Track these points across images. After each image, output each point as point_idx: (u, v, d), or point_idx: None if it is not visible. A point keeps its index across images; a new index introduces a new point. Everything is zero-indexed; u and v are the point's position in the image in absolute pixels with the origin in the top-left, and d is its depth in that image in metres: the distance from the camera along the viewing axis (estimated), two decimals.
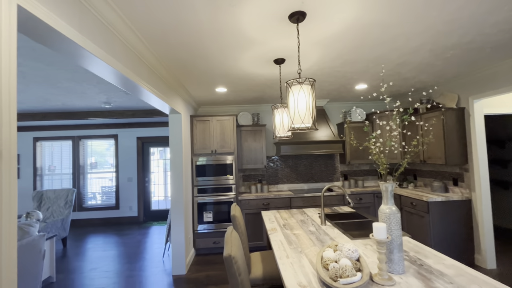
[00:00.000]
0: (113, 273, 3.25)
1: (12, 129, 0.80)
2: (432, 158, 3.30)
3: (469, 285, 1.10)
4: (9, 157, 0.77)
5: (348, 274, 1.11)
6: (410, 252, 1.49)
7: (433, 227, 3.01)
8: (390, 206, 1.28)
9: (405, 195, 3.41)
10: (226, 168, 3.69)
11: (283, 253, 1.55)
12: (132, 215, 5.90)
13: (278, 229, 2.04)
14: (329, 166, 4.37)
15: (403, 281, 1.16)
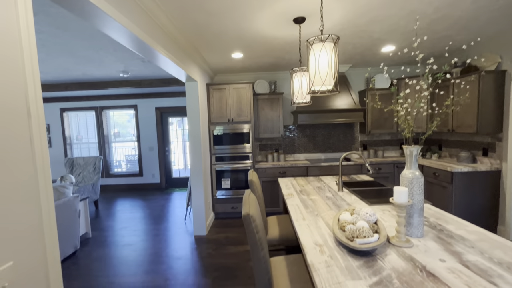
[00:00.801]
0: (141, 232, 3.55)
1: (36, 87, 0.82)
2: (461, 127, 3.09)
3: (492, 250, 1.08)
4: (37, 115, 0.80)
5: (365, 235, 1.12)
6: (430, 218, 1.46)
7: (455, 197, 2.92)
8: (413, 170, 1.23)
9: (428, 165, 3.29)
10: (243, 136, 3.71)
11: (299, 215, 1.59)
12: (155, 181, 6.25)
13: (294, 194, 2.07)
14: (347, 136, 4.26)
15: (421, 244, 1.16)
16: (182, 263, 2.66)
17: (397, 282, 0.88)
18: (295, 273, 1.44)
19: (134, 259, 2.80)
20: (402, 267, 0.98)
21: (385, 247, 1.14)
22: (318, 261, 1.04)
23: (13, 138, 0.73)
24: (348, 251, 1.12)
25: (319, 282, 0.90)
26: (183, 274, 2.46)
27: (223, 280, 2.33)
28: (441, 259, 1.02)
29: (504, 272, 0.91)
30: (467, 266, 0.96)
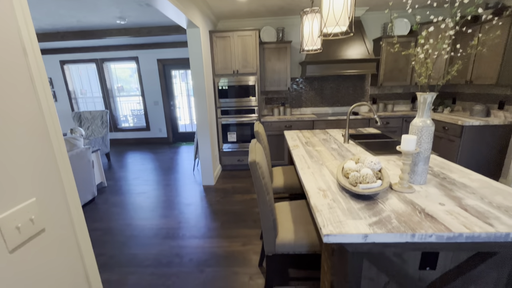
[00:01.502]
0: (153, 182, 3.76)
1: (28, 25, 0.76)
2: (480, 78, 2.91)
3: (493, 196, 1.10)
4: (33, 53, 0.76)
5: (369, 181, 1.14)
6: (434, 167, 1.47)
7: (461, 151, 2.92)
8: (425, 119, 1.19)
9: (438, 119, 3.21)
10: (248, 89, 3.60)
11: (304, 164, 1.62)
12: (162, 136, 6.37)
13: (300, 146, 2.09)
14: (357, 89, 4.09)
15: (422, 190, 1.19)
16: (192, 209, 2.87)
17: (396, 222, 0.93)
18: (298, 216, 1.53)
19: (148, 205, 3.02)
20: (401, 209, 1.02)
21: (387, 193, 1.17)
22: (321, 203, 1.09)
23: (13, 77, 0.71)
24: (351, 195, 1.16)
25: (321, 221, 0.96)
26: (194, 218, 2.67)
27: (231, 223, 2.53)
28: (441, 203, 1.06)
29: (502, 215, 0.95)
30: (466, 209, 1.00)
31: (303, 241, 1.33)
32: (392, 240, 0.87)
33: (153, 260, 2.04)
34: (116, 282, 1.83)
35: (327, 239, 0.88)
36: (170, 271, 1.91)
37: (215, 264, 1.96)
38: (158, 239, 2.32)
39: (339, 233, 0.88)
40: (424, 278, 1.10)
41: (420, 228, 0.89)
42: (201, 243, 2.22)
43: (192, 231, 2.43)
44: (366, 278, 1.12)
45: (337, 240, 0.88)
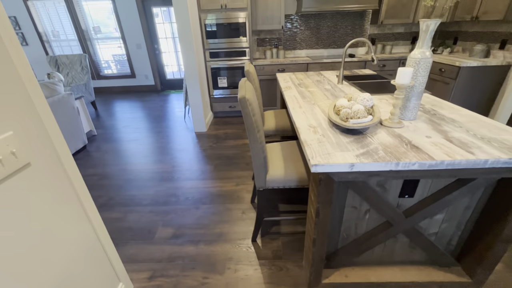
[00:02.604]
0: (144, 129, 3.72)
1: None
2: (488, 13, 2.70)
3: (479, 128, 1.12)
4: None
5: (359, 116, 1.13)
6: (426, 105, 1.47)
7: (454, 93, 2.90)
8: (424, 50, 1.12)
9: (436, 61, 3.09)
10: (238, 28, 3.30)
11: (296, 104, 1.58)
12: (149, 83, 6.07)
13: (292, 87, 2.01)
14: (356, 28, 3.81)
15: (412, 125, 1.20)
16: (186, 154, 2.91)
17: (382, 152, 0.95)
18: (288, 154, 1.57)
19: (141, 151, 3.04)
20: (389, 142, 1.04)
21: (376, 128, 1.18)
22: (311, 138, 1.10)
23: None
24: (341, 131, 1.17)
25: (310, 153, 0.97)
26: (188, 162, 2.73)
27: (224, 166, 2.61)
28: (428, 136, 1.07)
29: (484, 145, 0.98)
30: (451, 140, 1.02)
31: (293, 176, 1.38)
32: (377, 168, 0.90)
33: (151, 200, 2.14)
34: (117, 219, 1.94)
35: (315, 169, 0.91)
36: (168, 208, 2.02)
37: (210, 202, 2.08)
38: (154, 181, 2.40)
39: (326, 163, 0.90)
40: (402, 205, 1.20)
41: (404, 157, 0.91)
42: (195, 184, 2.32)
43: (186, 174, 2.51)
44: (349, 206, 1.21)
45: (324, 169, 0.91)
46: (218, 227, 1.81)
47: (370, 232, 1.28)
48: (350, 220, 1.25)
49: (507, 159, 0.88)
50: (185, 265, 1.53)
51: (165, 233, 1.77)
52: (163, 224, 1.86)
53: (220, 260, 1.54)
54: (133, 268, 1.52)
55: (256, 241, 1.66)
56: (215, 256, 1.57)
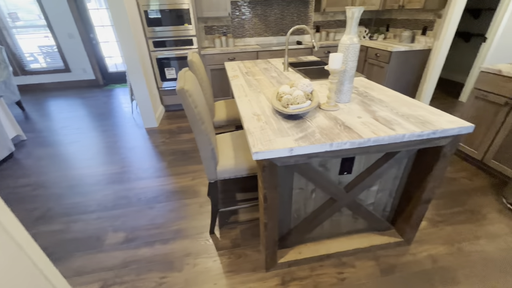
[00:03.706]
0: (86, 130, 3.36)
1: None
2: (411, 2, 3.01)
3: (400, 107, 1.26)
4: None
5: (299, 102, 1.18)
6: (360, 88, 1.59)
7: (388, 76, 3.22)
8: (352, 36, 1.20)
9: (372, 47, 3.37)
10: (182, 15, 3.12)
11: (242, 93, 1.58)
12: (88, 78, 5.45)
13: (240, 76, 2.00)
14: (301, 16, 3.91)
15: (346, 107, 1.29)
16: (136, 152, 2.73)
17: (318, 135, 1.01)
18: (239, 144, 1.57)
19: (85, 154, 2.75)
20: (325, 124, 1.11)
21: (315, 112, 1.25)
22: (254, 126, 1.11)
23: None
24: (283, 117, 1.20)
25: (252, 141, 0.98)
26: (139, 161, 2.56)
27: (179, 161, 2.52)
28: (359, 116, 1.17)
29: (403, 121, 1.10)
30: (377, 119, 1.13)
31: (243, 165, 1.40)
32: (314, 150, 0.96)
33: (98, 205, 1.97)
34: (59, 231, 1.75)
35: (256, 156, 0.93)
36: (118, 212, 1.89)
37: (165, 200, 2.00)
38: (101, 185, 2.21)
39: (267, 149, 0.93)
40: (343, 182, 1.30)
41: (338, 138, 0.98)
42: (148, 183, 2.20)
43: (137, 173, 2.36)
44: (297, 188, 1.27)
45: (265, 156, 0.93)
46: (175, 224, 1.75)
47: (318, 210, 1.37)
48: (299, 201, 1.32)
49: (419, 132, 1.01)
50: (141, 268, 1.46)
51: (116, 239, 1.66)
52: (114, 230, 1.74)
53: (178, 257, 1.51)
54: (80, 282, 1.40)
55: (214, 233, 1.66)
56: (172, 254, 1.53)
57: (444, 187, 1.99)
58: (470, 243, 1.52)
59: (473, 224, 1.66)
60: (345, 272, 1.38)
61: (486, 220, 1.68)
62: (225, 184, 2.13)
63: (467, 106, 2.17)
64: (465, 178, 2.08)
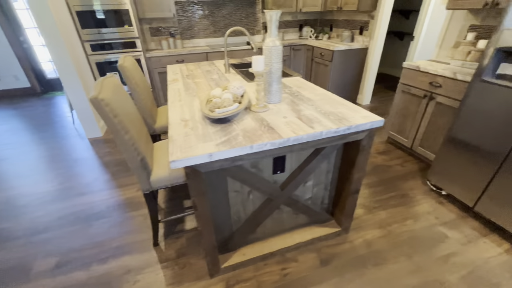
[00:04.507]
0: (18, 144, 2.99)
1: None
2: (348, 4, 3.22)
3: (324, 105, 1.33)
4: None
5: (226, 105, 1.18)
6: (293, 87, 1.65)
7: (333, 73, 3.40)
8: (274, 39, 1.23)
9: (318, 46, 3.53)
10: (121, 15, 2.93)
11: (176, 98, 1.53)
12: (22, 86, 4.87)
13: (179, 79, 1.94)
14: (250, 17, 3.94)
15: (276, 107, 1.32)
16: (77, 166, 2.50)
17: (241, 138, 1.02)
18: None
19: (15, 172, 2.44)
20: (251, 126, 1.12)
21: (245, 114, 1.25)
22: (178, 133, 1.08)
23: None
24: (211, 121, 1.19)
25: (171, 149, 0.95)
26: (80, 175, 2.35)
27: (124, 172, 2.37)
28: (285, 116, 1.21)
29: (324, 119, 1.16)
30: (301, 118, 1.18)
31: (179, 173, 1.36)
32: (235, 154, 0.96)
33: (26, 230, 1.76)
34: None
35: (174, 165, 0.90)
36: (50, 235, 1.71)
37: (107, 215, 1.86)
38: (31, 207, 1.98)
39: (185, 157, 0.90)
40: (278, 180, 1.34)
41: (259, 140, 1.00)
42: (89, 199, 2.03)
43: (77, 188, 2.16)
44: (232, 191, 1.27)
45: (184, 164, 0.91)
46: (116, 241, 1.64)
47: (257, 210, 1.39)
48: (237, 204, 1.33)
49: (335, 129, 1.07)
50: None
51: (46, 265, 1.50)
52: (44, 255, 1.56)
53: (117, 276, 1.41)
54: None
55: (158, 244, 1.59)
56: (110, 273, 1.43)
57: (381, 175, 2.17)
58: (400, 225, 1.67)
59: (404, 206, 1.83)
60: (288, 268, 1.42)
61: (414, 202, 1.86)
62: (174, 191, 2.05)
63: (396, 99, 2.39)
64: (399, 165, 2.29)
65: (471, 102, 1.57)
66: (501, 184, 1.48)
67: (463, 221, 1.69)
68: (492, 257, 1.44)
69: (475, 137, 1.58)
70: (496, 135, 1.46)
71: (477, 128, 1.56)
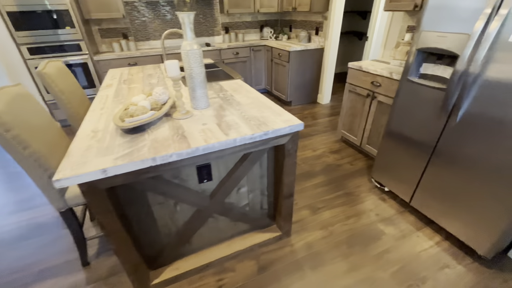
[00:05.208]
0: None
1: None
2: (301, 5, 3.24)
3: (251, 109, 1.29)
4: None
5: (138, 114, 1.10)
6: (229, 91, 1.60)
7: (291, 74, 3.42)
8: (191, 42, 1.18)
9: (276, 47, 3.53)
10: (61, 16, 2.73)
11: (99, 106, 1.43)
12: None
13: (114, 85, 1.83)
14: (208, 17, 3.86)
15: (200, 113, 1.27)
16: (11, 181, 2.28)
17: (146, 149, 0.95)
18: None
19: None
20: (163, 135, 1.05)
21: (165, 122, 1.19)
22: (79, 146, 0.99)
23: None
24: (124, 131, 1.11)
25: (62, 166, 0.86)
26: (10, 191, 2.15)
27: None
28: (205, 123, 1.16)
29: (244, 125, 1.13)
30: (220, 125, 1.13)
31: None
32: (133, 168, 0.89)
33: None
34: None
35: (59, 184, 0.81)
36: None
37: (38, 234, 1.70)
38: None
39: (74, 174, 0.82)
40: (207, 189, 1.28)
41: (165, 151, 0.94)
42: (16, 219, 1.85)
43: (4, 207, 1.97)
44: (156, 204, 1.20)
45: (71, 182, 0.83)
46: (43, 263, 1.50)
47: (188, 221, 1.33)
48: (164, 216, 1.26)
49: (251, 135, 1.04)
50: None
51: None
52: None
53: None
54: None
55: (89, 263, 1.48)
56: None
57: (331, 174, 2.19)
58: (342, 224, 1.69)
59: (348, 205, 1.85)
60: (224, 278, 1.37)
61: (358, 200, 1.90)
62: None
63: (344, 99, 2.43)
64: (348, 163, 2.34)
65: (401, 99, 1.62)
66: (431, 177, 1.54)
67: (401, 216, 1.74)
68: (423, 250, 1.50)
69: (406, 133, 1.63)
70: (423, 130, 1.52)
71: (408, 125, 1.61)
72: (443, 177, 1.47)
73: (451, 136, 1.38)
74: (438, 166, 1.48)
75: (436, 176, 1.50)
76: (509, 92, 1.11)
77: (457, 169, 1.38)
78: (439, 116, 1.42)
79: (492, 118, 1.19)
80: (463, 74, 1.26)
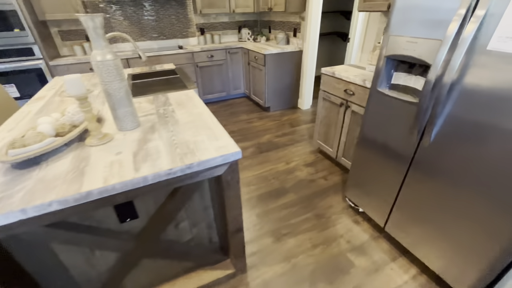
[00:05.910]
0: None
1: None
2: (277, 5, 3.04)
3: (187, 131, 1.08)
4: None
5: (30, 143, 0.88)
6: (174, 105, 1.38)
7: (268, 78, 3.21)
8: (104, 51, 0.95)
9: (252, 50, 3.31)
10: (7, 18, 2.46)
11: (11, 125, 1.19)
12: None
13: (46, 97, 1.59)
14: (181, 18, 3.62)
15: (123, 137, 1.04)
16: None
17: (20, 196, 0.72)
18: None
19: None
20: (58, 172, 0.83)
21: (72, 150, 0.96)
22: None
23: None
24: (12, 166, 0.88)
25: None
26: None
27: None
28: (119, 152, 0.93)
29: (166, 155, 0.91)
30: (136, 155, 0.91)
31: None
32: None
33: None
34: None
35: None
36: None
37: None
38: None
39: None
40: (133, 228, 1.06)
41: (43, 198, 0.71)
42: None
43: None
44: (63, 252, 0.97)
45: None
46: None
47: (114, 266, 1.10)
48: (79, 264, 1.03)
49: (167, 170, 0.82)
50: None
51: None
52: None
53: None
54: None
55: None
56: None
57: (302, 191, 1.99)
58: (307, 255, 1.49)
59: (316, 230, 1.65)
60: None
61: (328, 223, 1.70)
62: None
63: (318, 107, 2.23)
64: (323, 178, 2.14)
65: (371, 112, 1.43)
66: (406, 197, 1.35)
67: (375, 243, 1.55)
68: (397, 287, 1.30)
69: (379, 148, 1.44)
70: (397, 146, 1.32)
71: (380, 139, 1.42)
72: (419, 196, 1.27)
73: (426, 155, 1.18)
74: (412, 186, 1.29)
75: (412, 195, 1.31)
76: (488, 107, 0.92)
77: (434, 188, 1.19)
78: (412, 133, 1.22)
79: (468, 138, 1.00)
80: (436, 86, 1.07)
